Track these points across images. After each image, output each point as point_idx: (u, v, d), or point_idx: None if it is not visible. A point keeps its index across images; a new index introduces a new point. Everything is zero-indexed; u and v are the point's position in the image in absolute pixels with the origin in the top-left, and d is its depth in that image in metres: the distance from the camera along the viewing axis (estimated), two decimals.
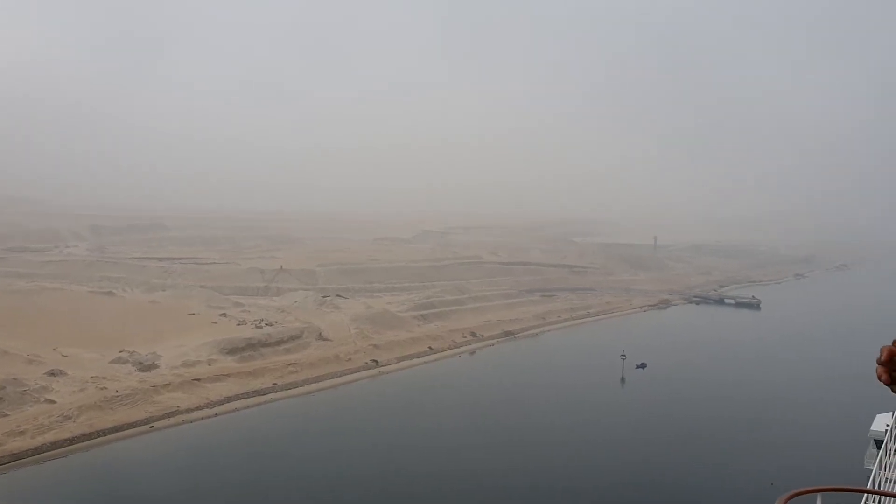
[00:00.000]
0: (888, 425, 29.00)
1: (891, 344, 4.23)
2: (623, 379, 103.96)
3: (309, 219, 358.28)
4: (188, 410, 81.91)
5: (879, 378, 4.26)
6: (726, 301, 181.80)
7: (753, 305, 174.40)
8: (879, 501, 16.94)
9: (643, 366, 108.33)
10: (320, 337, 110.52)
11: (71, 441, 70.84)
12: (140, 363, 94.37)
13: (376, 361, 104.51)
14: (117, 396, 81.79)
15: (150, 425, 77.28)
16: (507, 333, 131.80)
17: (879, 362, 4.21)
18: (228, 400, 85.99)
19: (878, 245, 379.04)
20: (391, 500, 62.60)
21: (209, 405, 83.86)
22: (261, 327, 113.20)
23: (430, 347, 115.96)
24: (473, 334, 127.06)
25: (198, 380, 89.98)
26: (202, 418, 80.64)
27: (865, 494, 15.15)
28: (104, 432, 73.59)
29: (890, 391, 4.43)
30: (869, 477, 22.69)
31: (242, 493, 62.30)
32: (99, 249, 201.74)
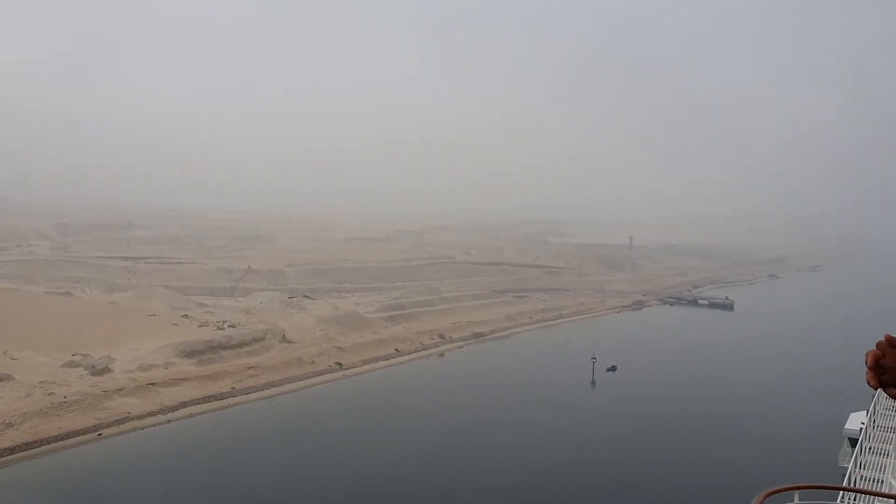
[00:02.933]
0: (862, 423, 28.31)
1: (874, 347, 4.12)
2: (594, 382, 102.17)
3: (282, 218, 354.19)
4: (140, 417, 78.36)
5: (869, 383, 4.16)
6: (700, 302, 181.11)
7: (727, 306, 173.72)
8: (855, 499, 17.06)
9: (614, 368, 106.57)
10: (284, 339, 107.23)
11: (11, 451, 67.01)
12: (93, 367, 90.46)
13: (340, 364, 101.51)
14: (65, 402, 78.03)
15: (99, 433, 73.62)
16: (477, 335, 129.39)
17: (867, 367, 4.15)
18: (183, 405, 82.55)
19: (851, 245, 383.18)
20: None
21: (162, 411, 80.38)
22: (223, 329, 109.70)
23: (396, 350, 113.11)
24: (442, 336, 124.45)
25: (152, 384, 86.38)
26: (154, 425, 77.11)
27: (841, 492, 15.21)
28: (48, 441, 69.82)
29: (870, 391, 3.62)
30: (844, 475, 22.36)
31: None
32: (62, 248, 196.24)
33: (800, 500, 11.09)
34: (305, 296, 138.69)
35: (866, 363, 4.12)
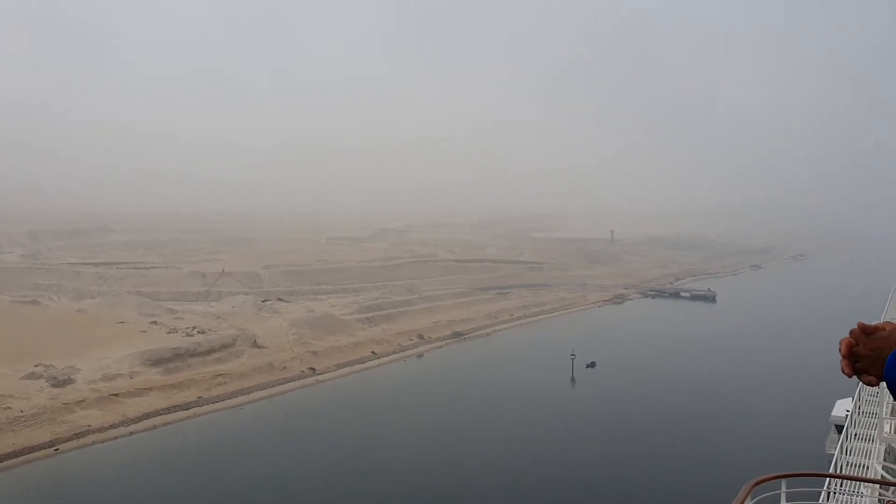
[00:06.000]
0: (848, 411, 28.42)
1: (848, 335, 4.17)
2: (573, 379, 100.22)
3: (263, 219, 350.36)
4: (101, 429, 75.36)
5: (843, 371, 4.18)
6: (682, 294, 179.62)
7: (709, 298, 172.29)
8: (842, 485, 17.57)
9: (593, 364, 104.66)
10: (255, 344, 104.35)
11: None
12: (55, 378, 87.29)
13: (313, 369, 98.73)
14: (21, 417, 74.97)
15: (56, 448, 70.62)
16: (458, 334, 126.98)
17: (841, 355, 4.18)
18: (147, 416, 79.60)
19: (834, 235, 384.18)
20: None
21: (125, 423, 77.44)
22: (191, 335, 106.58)
23: (373, 352, 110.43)
24: (421, 336, 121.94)
25: (115, 395, 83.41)
26: (115, 438, 74.20)
27: (828, 479, 15.48)
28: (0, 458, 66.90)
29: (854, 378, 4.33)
30: (831, 462, 22.50)
31: None
32: (33, 256, 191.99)
33: (787, 487, 11.27)
34: (280, 299, 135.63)
35: (840, 351, 4.11)
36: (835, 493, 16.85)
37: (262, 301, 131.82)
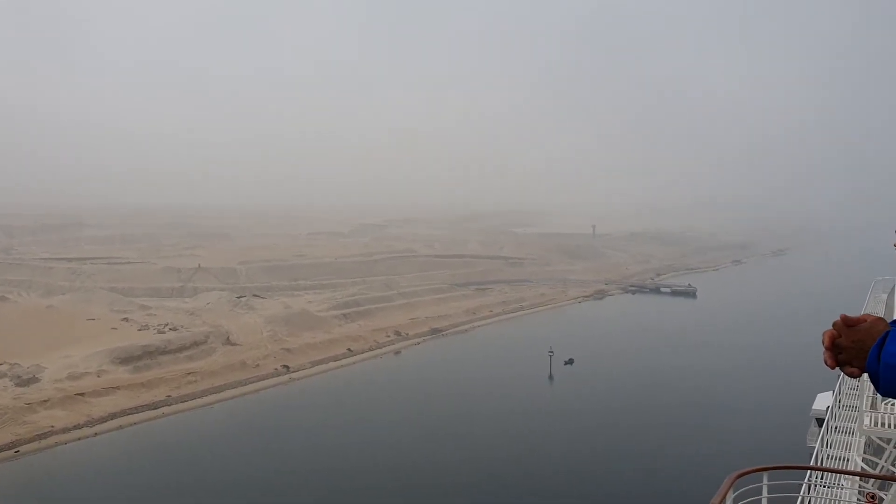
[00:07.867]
0: (829, 404, 27.93)
1: (831, 328, 4.18)
2: (551, 376, 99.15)
3: (243, 214, 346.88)
4: (64, 430, 73.25)
5: (826, 363, 4.20)
6: (662, 290, 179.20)
7: (689, 293, 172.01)
8: (822, 477, 17.68)
9: (571, 361, 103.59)
10: (228, 342, 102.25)
11: None
12: (19, 377, 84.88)
13: (287, 367, 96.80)
14: None
15: (16, 450, 68.47)
16: (435, 331, 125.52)
17: (825, 347, 4.20)
18: (114, 416, 77.52)
19: (815, 230, 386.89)
20: None
21: (90, 423, 75.32)
22: (163, 332, 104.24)
23: (349, 349, 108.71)
24: (398, 333, 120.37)
25: (81, 394, 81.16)
26: (79, 439, 72.09)
27: (809, 471, 15.49)
28: None
29: (835, 371, 4.38)
30: (812, 455, 22.45)
31: None
32: (4, 251, 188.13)
33: (769, 480, 11.41)
34: (255, 294, 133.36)
35: (823, 343, 4.13)
36: (815, 485, 16.89)
37: (238, 297, 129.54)
